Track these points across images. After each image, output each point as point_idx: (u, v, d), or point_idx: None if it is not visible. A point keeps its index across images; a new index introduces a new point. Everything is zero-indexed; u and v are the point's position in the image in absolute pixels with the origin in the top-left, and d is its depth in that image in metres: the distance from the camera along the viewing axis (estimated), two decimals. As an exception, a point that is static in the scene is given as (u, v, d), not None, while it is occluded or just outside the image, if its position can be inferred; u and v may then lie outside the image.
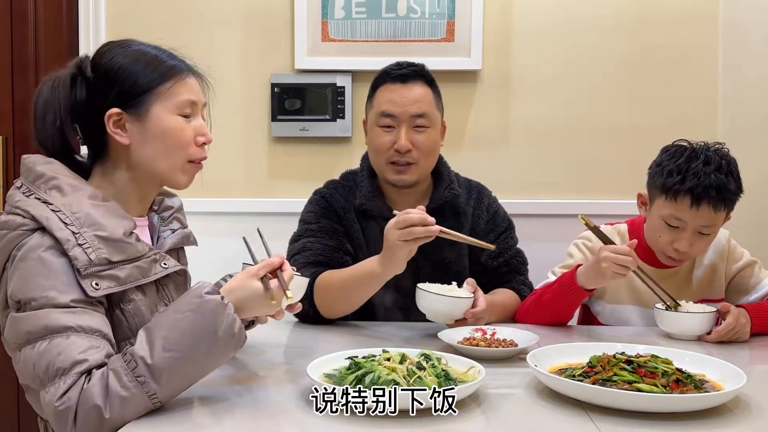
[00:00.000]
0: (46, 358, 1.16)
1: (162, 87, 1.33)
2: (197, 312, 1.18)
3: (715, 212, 1.76)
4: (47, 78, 1.36)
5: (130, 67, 1.33)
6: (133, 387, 1.13)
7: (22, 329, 1.19)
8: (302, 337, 1.75)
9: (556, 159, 2.62)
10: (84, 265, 1.21)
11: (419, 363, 1.26)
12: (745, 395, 1.28)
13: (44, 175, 1.29)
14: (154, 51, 1.37)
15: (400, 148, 1.89)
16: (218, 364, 1.24)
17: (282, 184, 2.63)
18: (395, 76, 1.94)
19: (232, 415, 1.19)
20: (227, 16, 2.61)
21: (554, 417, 1.20)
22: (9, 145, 2.57)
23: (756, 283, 1.92)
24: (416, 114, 1.90)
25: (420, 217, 1.58)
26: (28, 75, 2.58)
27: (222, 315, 1.18)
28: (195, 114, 1.38)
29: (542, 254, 2.11)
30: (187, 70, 1.38)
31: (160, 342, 1.16)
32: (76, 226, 1.23)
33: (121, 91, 1.32)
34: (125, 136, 1.33)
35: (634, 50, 2.59)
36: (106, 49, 1.37)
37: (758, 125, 2.55)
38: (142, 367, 1.14)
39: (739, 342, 1.72)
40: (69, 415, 1.12)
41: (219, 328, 1.18)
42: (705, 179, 1.74)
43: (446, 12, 2.56)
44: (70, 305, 1.19)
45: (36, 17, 2.58)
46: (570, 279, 1.78)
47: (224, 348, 1.21)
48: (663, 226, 1.82)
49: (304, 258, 1.87)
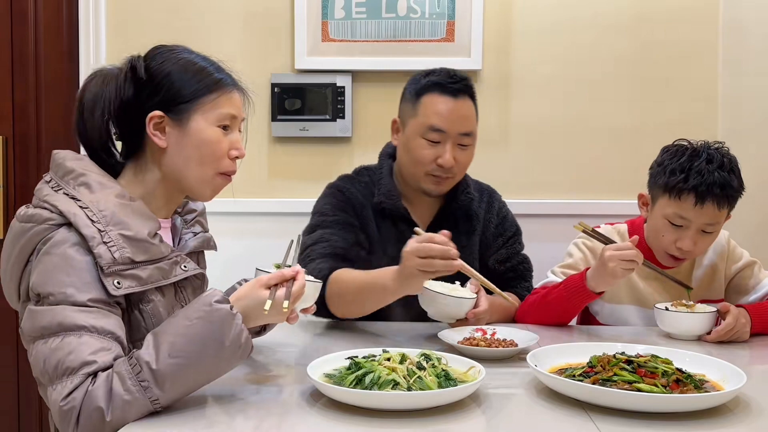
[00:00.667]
0: (56, 356, 1.17)
1: (206, 98, 1.36)
2: (206, 320, 1.18)
3: (719, 210, 1.77)
4: (96, 73, 1.39)
5: (179, 75, 1.36)
6: (136, 391, 1.14)
7: (37, 323, 1.20)
8: (302, 337, 1.75)
9: (556, 159, 2.62)
10: (108, 263, 1.22)
11: (419, 363, 1.26)
12: (745, 395, 1.28)
13: (74, 171, 1.31)
14: (203, 62, 1.40)
15: (445, 164, 1.85)
16: (222, 373, 1.24)
17: (282, 184, 2.63)
18: (449, 89, 1.86)
19: (231, 414, 1.19)
20: (227, 17, 2.61)
21: (554, 417, 1.20)
22: (9, 145, 2.57)
23: (756, 284, 1.92)
24: (464, 132, 1.86)
25: (441, 251, 1.50)
26: (28, 75, 2.58)
27: (230, 325, 1.19)
28: (233, 127, 1.41)
29: (542, 254, 2.11)
30: (232, 84, 1.41)
31: (166, 347, 1.16)
32: (102, 224, 1.25)
33: (167, 97, 1.35)
34: (163, 139, 1.35)
35: (634, 49, 2.59)
36: (158, 52, 1.40)
37: (758, 125, 2.55)
38: (146, 372, 1.15)
39: (739, 342, 1.72)
40: (72, 415, 1.13)
41: (226, 338, 1.18)
42: (709, 177, 1.75)
43: (446, 12, 2.56)
44: (87, 304, 1.20)
45: (36, 17, 2.58)
46: (579, 282, 1.78)
47: (230, 358, 1.21)
48: (666, 225, 1.82)
49: (322, 249, 1.83)
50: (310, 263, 1.79)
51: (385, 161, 2.02)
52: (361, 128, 2.62)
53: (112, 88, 1.35)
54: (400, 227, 1.93)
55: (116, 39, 2.61)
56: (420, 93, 1.89)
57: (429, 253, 1.50)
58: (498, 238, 2.03)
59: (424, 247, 1.51)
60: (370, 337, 1.73)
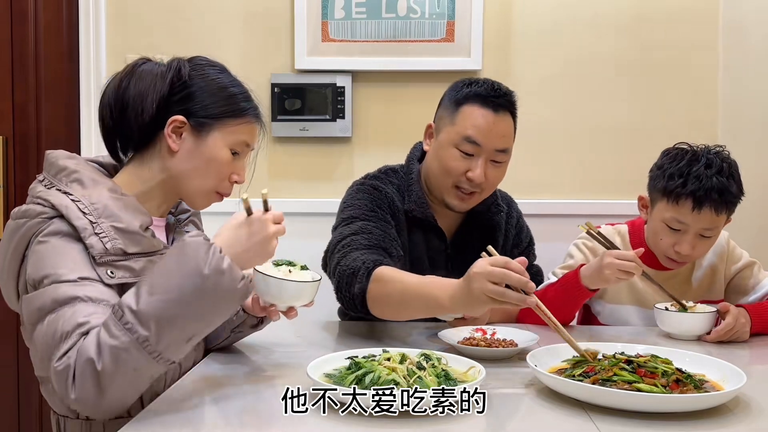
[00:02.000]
0: (52, 328, 1.18)
1: (231, 121, 1.41)
2: (180, 254, 1.18)
3: (717, 215, 1.77)
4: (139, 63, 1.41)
5: (212, 92, 1.41)
6: (122, 335, 1.13)
7: (33, 307, 1.22)
8: (302, 337, 1.75)
9: (556, 159, 2.62)
10: (99, 253, 1.25)
11: (419, 363, 1.26)
12: (745, 395, 1.28)
13: (66, 168, 1.34)
14: (237, 88, 1.45)
15: (475, 179, 1.79)
16: (218, 310, 1.20)
17: (282, 184, 2.63)
18: (491, 103, 1.79)
19: (231, 415, 1.19)
20: (227, 17, 2.61)
21: (554, 417, 1.20)
22: (9, 145, 2.57)
23: (755, 284, 1.92)
24: (500, 149, 1.80)
25: (519, 281, 1.35)
26: (28, 75, 2.58)
27: (206, 253, 1.16)
28: (242, 155, 1.46)
29: (543, 254, 2.11)
30: (255, 116, 1.46)
31: (145, 288, 1.16)
32: (94, 216, 1.27)
33: (195, 107, 1.39)
34: (177, 143, 1.38)
35: (634, 50, 2.59)
36: (200, 63, 1.44)
37: (758, 125, 2.55)
38: (128, 315, 1.14)
39: (739, 342, 1.72)
40: (69, 374, 1.13)
41: (204, 266, 1.15)
42: (707, 182, 1.74)
43: (446, 12, 2.56)
44: (77, 280, 1.22)
45: (36, 17, 2.58)
46: (573, 278, 1.78)
47: (215, 288, 1.17)
48: (664, 228, 1.82)
49: (365, 240, 1.73)
50: (352, 253, 1.70)
51: (415, 165, 1.95)
52: (361, 128, 2.62)
53: (160, 86, 1.38)
54: (428, 236, 1.90)
55: (116, 39, 2.61)
56: (460, 102, 1.82)
57: (504, 280, 1.35)
58: (514, 248, 2.01)
59: (500, 273, 1.35)
60: (370, 337, 1.73)
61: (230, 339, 1.56)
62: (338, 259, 1.72)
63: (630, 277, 1.70)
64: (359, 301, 1.63)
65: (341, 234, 1.78)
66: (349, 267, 1.66)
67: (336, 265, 1.71)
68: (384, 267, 1.63)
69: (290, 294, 1.37)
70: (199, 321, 1.19)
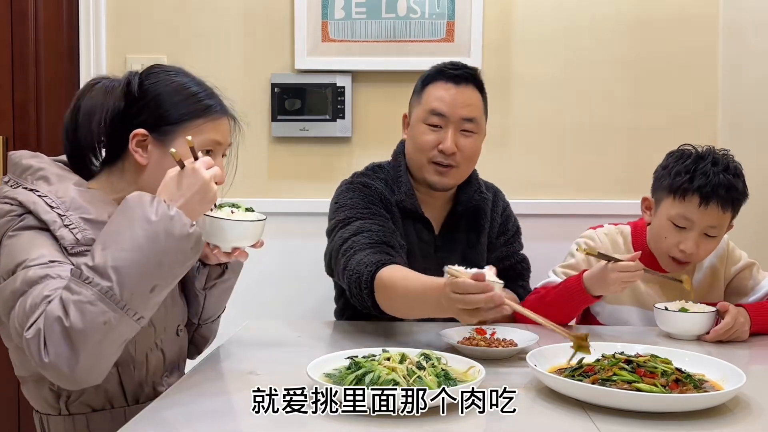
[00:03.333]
0: (23, 305, 1.18)
1: (192, 123, 1.38)
2: (125, 209, 1.21)
3: (723, 212, 1.78)
4: (98, 80, 1.41)
5: (168, 97, 1.38)
6: (84, 289, 1.14)
7: (7, 293, 1.22)
8: (302, 337, 1.75)
9: (556, 159, 2.62)
10: (71, 244, 1.26)
11: (419, 363, 1.26)
12: (745, 395, 1.28)
13: (31, 167, 1.35)
14: (195, 87, 1.41)
15: (446, 150, 1.85)
16: (175, 257, 1.21)
17: (282, 184, 2.63)
18: (450, 75, 1.89)
19: (231, 415, 1.19)
20: (227, 17, 2.61)
21: (554, 417, 1.20)
22: (9, 145, 2.57)
23: (754, 285, 1.92)
24: (466, 117, 1.87)
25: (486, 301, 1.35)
26: (28, 75, 2.58)
27: (150, 203, 1.19)
28: (216, 153, 1.43)
29: (542, 254, 2.11)
30: (221, 111, 1.43)
31: (98, 246, 1.18)
32: (62, 209, 1.28)
33: (153, 117, 1.37)
34: (144, 156, 1.37)
35: (634, 50, 2.59)
36: (153, 71, 1.42)
37: (758, 125, 2.54)
38: (86, 271, 1.16)
39: (739, 342, 1.72)
40: (39, 338, 1.14)
41: (151, 214, 1.18)
42: (714, 178, 1.76)
43: (446, 12, 2.56)
44: (47, 263, 1.22)
45: (36, 17, 2.58)
46: (577, 284, 1.78)
47: (167, 233, 1.19)
48: (670, 227, 1.82)
49: (367, 238, 1.74)
50: (356, 255, 1.71)
51: (401, 159, 1.99)
52: (361, 128, 2.62)
53: (111, 99, 1.38)
54: (417, 226, 1.94)
55: (116, 39, 2.61)
56: (426, 83, 1.92)
57: (473, 305, 1.37)
58: (500, 236, 2.04)
59: (466, 299, 1.37)
60: (370, 336, 1.73)
61: (208, 301, 1.55)
62: (344, 264, 1.73)
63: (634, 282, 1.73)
64: (371, 305, 1.67)
65: (342, 237, 1.78)
66: (354, 272, 1.68)
67: (343, 270, 1.73)
68: (385, 269, 1.64)
69: (234, 234, 1.37)
70: (158, 268, 1.20)
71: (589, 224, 2.08)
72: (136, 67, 1.55)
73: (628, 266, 1.69)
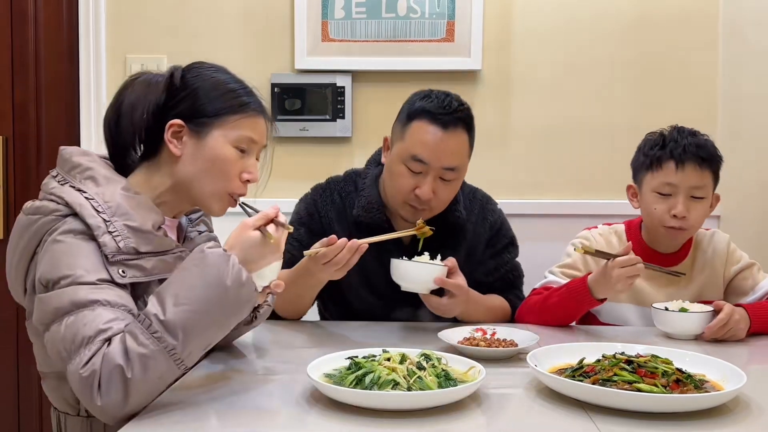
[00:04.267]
0: (72, 330, 1.18)
1: (229, 117, 1.39)
2: (202, 265, 1.19)
3: (701, 170, 1.84)
4: (138, 75, 1.42)
5: (207, 91, 1.39)
6: (150, 343, 1.14)
7: (50, 307, 1.22)
8: (302, 337, 1.75)
9: (556, 159, 2.62)
10: (112, 252, 1.25)
11: (419, 363, 1.26)
12: (745, 395, 1.28)
13: (80, 165, 1.34)
14: (234, 84, 1.43)
15: (422, 197, 1.76)
16: (235, 319, 1.23)
17: (282, 184, 2.62)
18: (440, 119, 1.76)
19: (231, 415, 1.19)
20: (227, 17, 2.61)
21: (554, 417, 1.20)
22: (9, 145, 2.57)
23: (753, 285, 1.92)
24: (448, 167, 1.77)
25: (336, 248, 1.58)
26: (28, 75, 2.58)
27: (226, 265, 1.19)
28: (251, 152, 1.44)
29: (542, 254, 2.11)
30: (258, 110, 1.44)
31: (170, 299, 1.17)
32: (107, 215, 1.27)
33: (191, 108, 1.38)
34: (179, 147, 1.38)
35: (634, 50, 2.59)
36: (196, 66, 1.44)
37: (758, 126, 2.55)
38: (156, 324, 1.15)
39: (738, 341, 1.72)
40: (94, 380, 1.14)
41: (226, 278, 1.18)
42: (682, 140, 1.86)
43: (446, 12, 2.56)
44: (96, 282, 1.22)
45: (36, 17, 2.58)
46: (582, 287, 1.77)
47: (236, 299, 1.20)
48: (656, 198, 1.88)
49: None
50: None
51: (372, 169, 1.95)
52: (361, 128, 2.62)
53: (153, 92, 1.38)
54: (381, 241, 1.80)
55: (116, 39, 2.61)
56: (411, 117, 1.79)
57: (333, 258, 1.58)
58: (488, 249, 1.97)
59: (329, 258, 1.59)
60: (370, 337, 1.73)
61: (227, 338, 1.56)
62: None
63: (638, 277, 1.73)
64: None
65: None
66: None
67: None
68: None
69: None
70: (218, 329, 1.22)
71: (589, 224, 2.08)
72: (136, 67, 1.56)
73: (627, 260, 1.69)
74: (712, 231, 2.02)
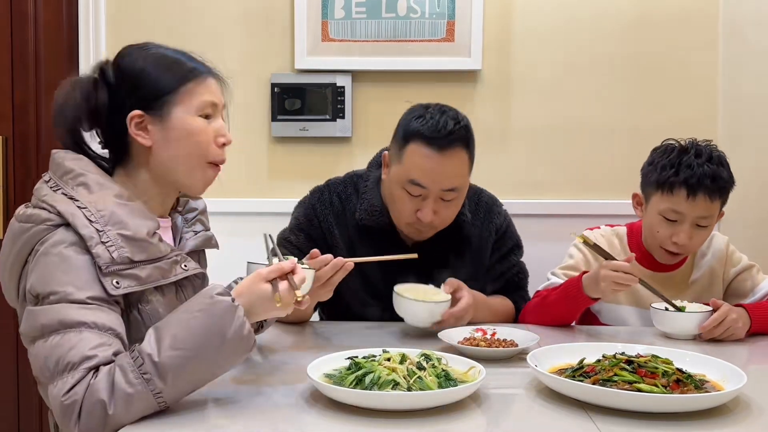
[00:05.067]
0: (57, 353, 1.17)
1: (182, 88, 1.35)
2: (207, 313, 1.18)
3: (711, 202, 1.80)
4: (68, 80, 1.39)
5: (151, 70, 1.35)
6: (139, 384, 1.13)
7: (37, 322, 1.20)
8: (302, 337, 1.75)
9: (556, 159, 2.62)
10: (106, 263, 1.23)
11: (419, 363, 1.26)
12: (745, 395, 1.28)
13: (72, 170, 1.31)
14: (173, 54, 1.39)
15: (423, 219, 1.75)
16: (225, 369, 1.23)
17: (282, 184, 2.63)
18: (435, 143, 1.72)
19: (231, 416, 1.19)
20: (227, 17, 2.61)
21: (554, 417, 1.20)
22: (9, 145, 2.57)
23: (753, 286, 1.92)
24: (448, 189, 1.75)
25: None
26: (28, 75, 2.58)
27: (232, 317, 1.18)
28: (215, 115, 1.40)
29: (542, 254, 2.11)
30: (206, 72, 1.40)
31: (168, 341, 1.16)
32: (100, 224, 1.25)
33: (143, 94, 1.34)
34: (147, 137, 1.34)
35: (634, 50, 2.59)
36: (127, 52, 1.39)
37: (758, 126, 2.55)
38: (148, 365, 1.14)
39: (738, 341, 1.72)
40: (74, 410, 1.13)
41: (228, 330, 1.17)
42: (698, 169, 1.79)
43: (446, 12, 2.56)
44: (86, 302, 1.20)
45: (36, 17, 2.58)
46: (576, 285, 1.78)
47: (233, 351, 1.20)
48: (661, 221, 1.84)
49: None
50: None
51: (374, 171, 1.93)
52: (361, 128, 2.62)
53: (78, 94, 1.35)
54: (383, 244, 1.83)
55: (116, 39, 2.61)
56: (407, 138, 1.76)
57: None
58: (494, 253, 1.97)
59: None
60: (370, 337, 1.73)
61: None
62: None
63: (626, 288, 1.72)
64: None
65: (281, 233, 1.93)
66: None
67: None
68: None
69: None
70: (209, 375, 1.22)
71: (589, 224, 2.08)
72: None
73: (620, 266, 1.68)
74: (712, 233, 2.02)
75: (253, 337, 1.22)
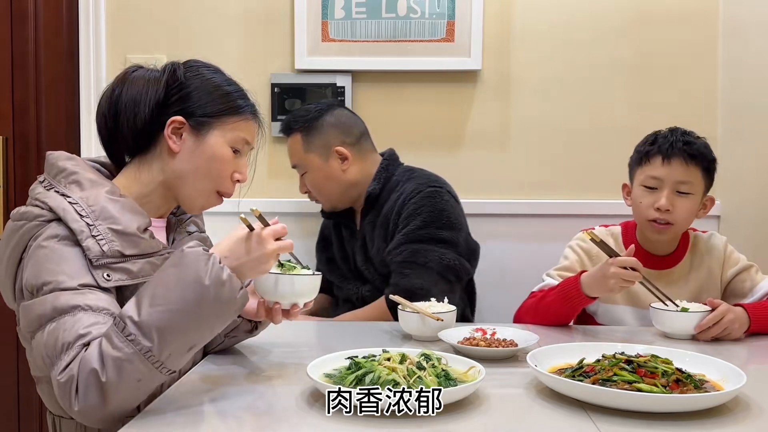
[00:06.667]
0: (53, 337, 1.18)
1: (229, 119, 1.42)
2: (179, 265, 1.18)
3: (687, 166, 1.87)
4: (134, 69, 1.42)
5: (209, 90, 1.42)
6: (125, 346, 1.13)
7: (33, 314, 1.22)
8: (302, 337, 1.75)
9: (556, 159, 2.62)
10: (96, 256, 1.24)
11: (419, 363, 1.26)
12: (745, 395, 1.28)
13: (65, 169, 1.34)
14: (233, 87, 1.46)
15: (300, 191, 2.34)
16: (219, 320, 1.21)
17: (282, 184, 2.63)
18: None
19: (231, 416, 1.19)
20: (227, 17, 2.61)
21: (554, 417, 1.20)
22: (9, 145, 2.57)
23: (752, 287, 1.92)
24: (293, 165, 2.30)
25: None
26: (28, 75, 2.58)
27: (205, 263, 1.17)
28: (243, 153, 1.47)
29: (541, 254, 2.12)
30: (253, 113, 1.47)
31: (146, 300, 1.16)
32: (91, 219, 1.27)
33: (194, 106, 1.40)
34: (178, 144, 1.39)
35: (634, 50, 2.59)
36: (193, 64, 1.46)
37: (758, 125, 2.55)
38: (130, 326, 1.14)
39: (737, 341, 1.72)
40: (72, 385, 1.13)
41: (204, 276, 1.16)
42: (672, 137, 1.90)
43: (446, 12, 2.56)
44: (78, 288, 1.22)
45: (36, 17, 2.58)
46: (574, 285, 1.78)
47: (216, 299, 1.18)
48: (643, 191, 1.91)
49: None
50: None
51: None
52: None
53: (154, 90, 1.39)
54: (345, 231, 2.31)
55: (116, 39, 2.61)
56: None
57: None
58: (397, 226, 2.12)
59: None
60: (370, 337, 1.73)
61: (224, 344, 1.56)
62: None
63: (631, 285, 1.73)
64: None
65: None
66: None
67: None
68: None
69: (295, 290, 1.36)
70: (200, 330, 1.20)
71: (589, 224, 2.09)
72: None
73: (627, 260, 1.69)
74: (710, 233, 2.02)
75: (239, 283, 1.20)
